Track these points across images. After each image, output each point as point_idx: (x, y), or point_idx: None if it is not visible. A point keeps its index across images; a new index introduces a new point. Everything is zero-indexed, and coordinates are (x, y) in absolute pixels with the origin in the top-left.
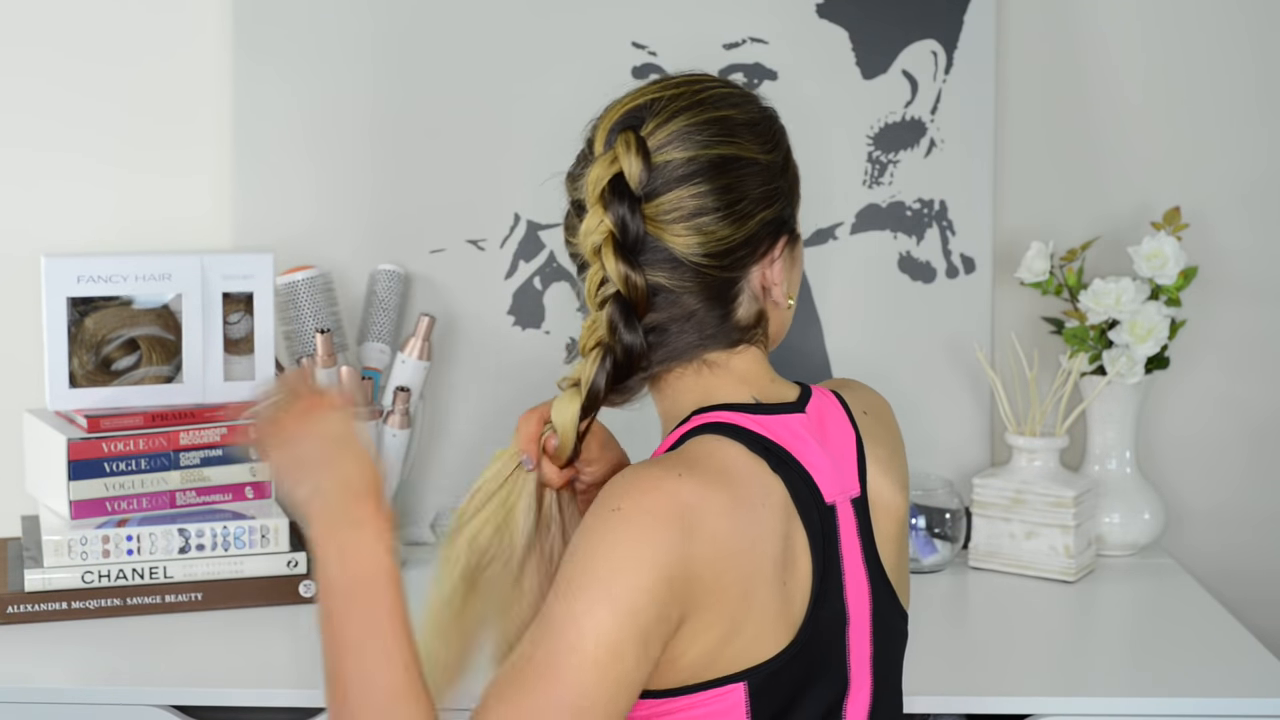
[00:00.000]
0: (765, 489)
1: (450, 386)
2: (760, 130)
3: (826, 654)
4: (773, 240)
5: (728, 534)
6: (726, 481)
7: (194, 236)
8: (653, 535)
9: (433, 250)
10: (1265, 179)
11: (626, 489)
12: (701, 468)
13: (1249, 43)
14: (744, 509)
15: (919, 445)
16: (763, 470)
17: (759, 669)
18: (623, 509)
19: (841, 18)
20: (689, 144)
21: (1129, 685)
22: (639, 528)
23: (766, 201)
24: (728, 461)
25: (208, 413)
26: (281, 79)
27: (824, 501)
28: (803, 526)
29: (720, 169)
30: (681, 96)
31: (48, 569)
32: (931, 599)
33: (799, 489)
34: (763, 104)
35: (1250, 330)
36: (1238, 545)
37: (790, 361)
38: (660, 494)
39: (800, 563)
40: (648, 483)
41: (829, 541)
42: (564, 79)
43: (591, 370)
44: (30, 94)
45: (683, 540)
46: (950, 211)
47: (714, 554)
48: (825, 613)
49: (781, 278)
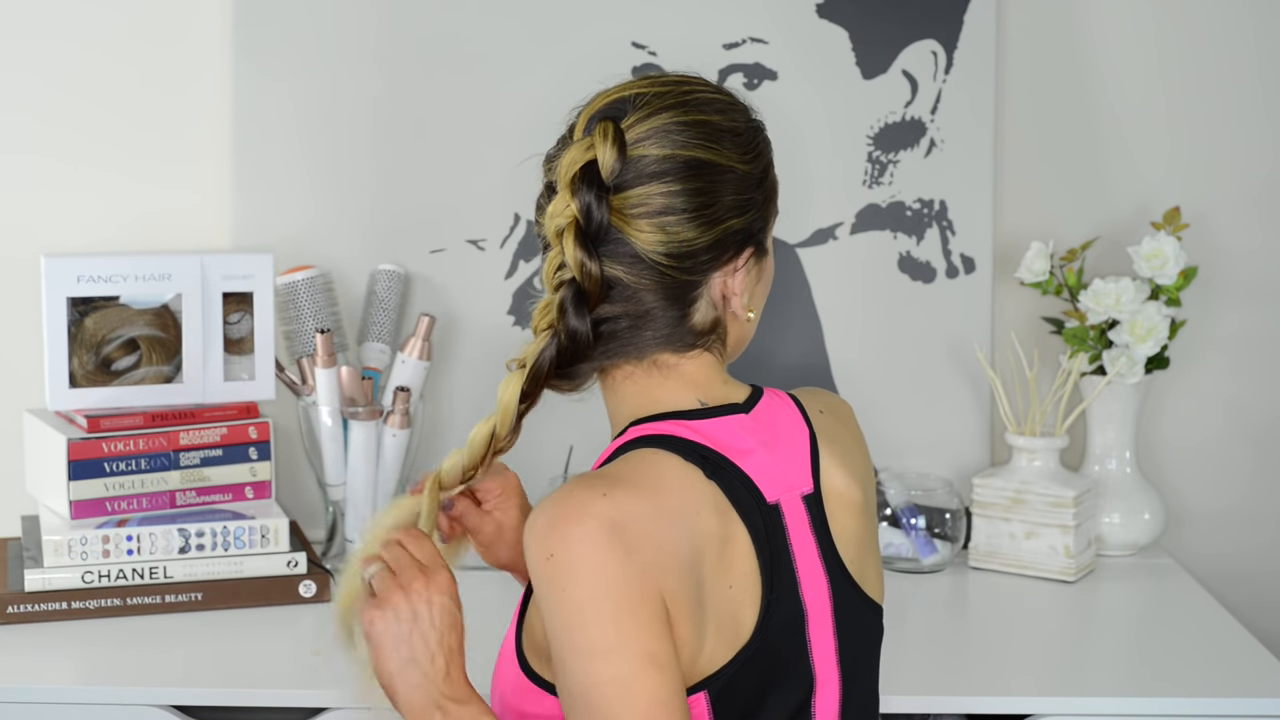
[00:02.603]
0: (697, 495)
1: (450, 386)
2: (743, 140)
3: (786, 654)
4: (738, 250)
5: (664, 541)
6: (653, 491)
7: (194, 236)
8: (598, 564)
9: (433, 250)
10: (1266, 179)
11: (552, 525)
12: (626, 482)
13: (1250, 42)
14: (673, 517)
15: (919, 445)
16: (695, 478)
17: (717, 676)
18: (557, 552)
19: (841, 18)
20: (666, 142)
21: (1129, 685)
22: (586, 565)
23: (738, 211)
24: (657, 473)
25: (208, 413)
26: (281, 80)
27: (765, 501)
28: (744, 528)
29: (694, 171)
30: (668, 95)
31: (48, 569)
32: (931, 599)
33: (737, 491)
34: (751, 115)
35: (1250, 330)
36: (1238, 545)
37: (790, 362)
38: (585, 521)
39: (743, 564)
40: (572, 513)
41: (775, 540)
42: (564, 79)
43: (536, 350)
44: (30, 94)
45: (624, 559)
46: (950, 211)
47: (663, 561)
48: (779, 612)
49: (743, 289)
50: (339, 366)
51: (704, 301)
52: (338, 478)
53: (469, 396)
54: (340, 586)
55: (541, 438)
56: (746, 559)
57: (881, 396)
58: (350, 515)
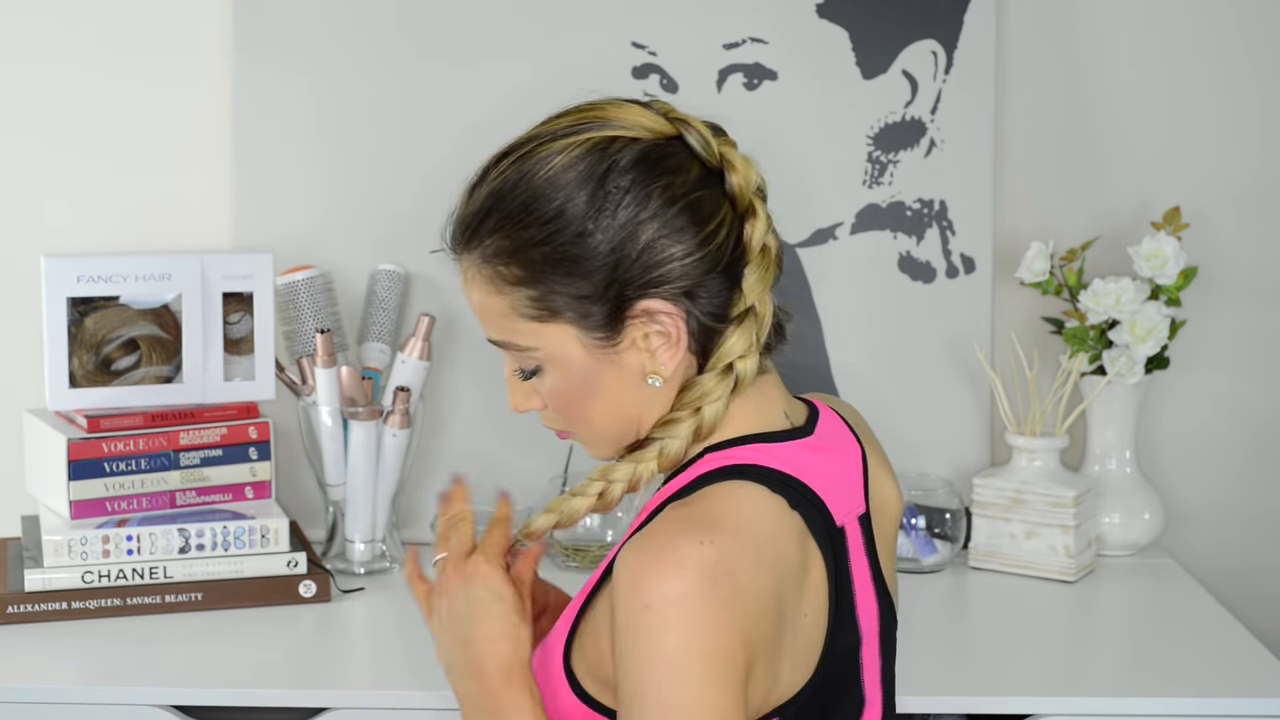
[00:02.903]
0: (785, 531)
1: (450, 386)
2: None
3: (845, 677)
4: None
5: (761, 588)
6: (749, 535)
7: (194, 236)
8: (693, 621)
9: (433, 250)
10: (1265, 179)
11: (649, 573)
12: (724, 526)
13: (1249, 43)
14: (766, 561)
15: (919, 445)
16: (781, 511)
17: (790, 703)
18: (653, 605)
19: (841, 18)
20: None
21: (1129, 685)
22: (679, 621)
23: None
24: (752, 513)
25: (208, 413)
26: (282, 79)
27: (835, 526)
28: (820, 556)
29: None
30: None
31: (48, 569)
32: (931, 599)
33: (815, 520)
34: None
35: (1250, 330)
36: (1237, 545)
37: (790, 362)
38: (686, 571)
39: (818, 593)
40: (672, 564)
41: (840, 565)
42: (564, 79)
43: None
44: (30, 94)
45: (720, 612)
46: (950, 211)
47: (757, 610)
48: (842, 637)
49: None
50: (339, 366)
51: None
52: (338, 478)
53: (469, 396)
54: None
55: (541, 437)
56: (820, 588)
57: (881, 396)
58: (350, 515)
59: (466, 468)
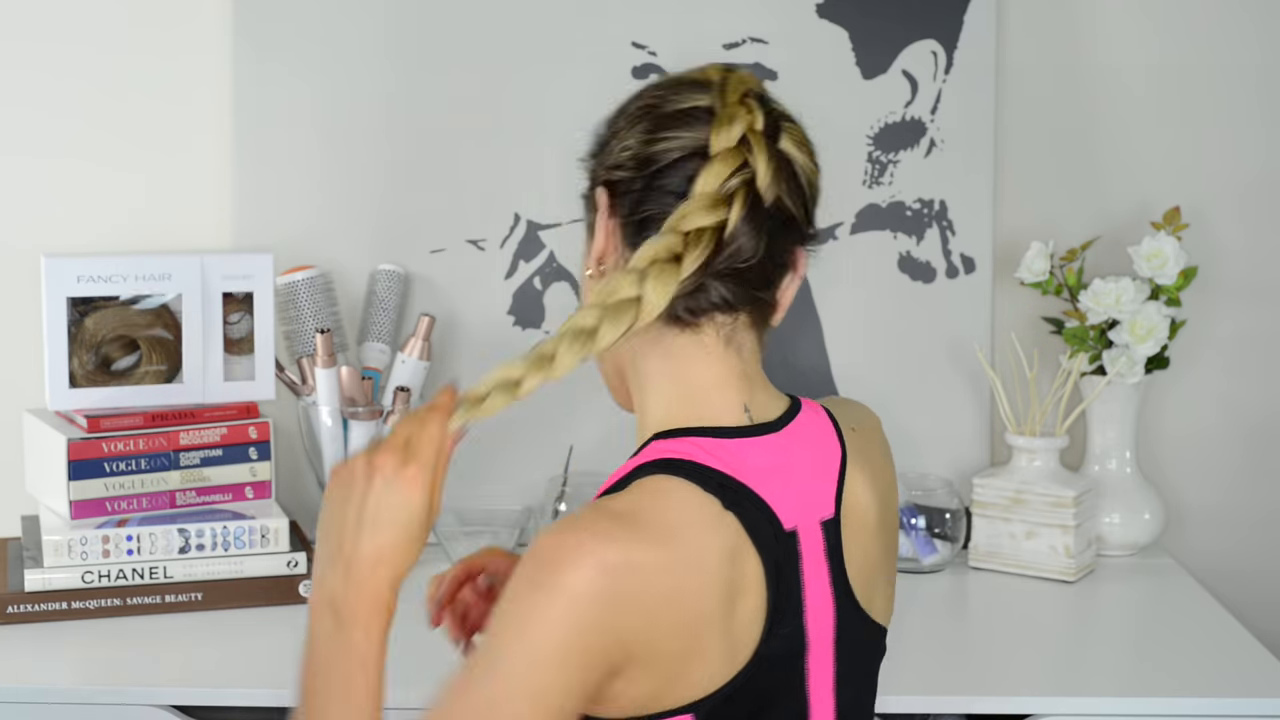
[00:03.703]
0: (713, 534)
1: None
2: None
3: (781, 679)
4: None
5: (664, 593)
6: (667, 537)
7: (194, 236)
8: (572, 617)
9: (433, 250)
10: (1265, 179)
11: (549, 556)
12: (638, 523)
13: (1249, 42)
14: (683, 564)
15: (919, 445)
16: (713, 511)
17: (707, 699)
18: (544, 585)
19: (841, 18)
20: None
21: (1129, 685)
22: (559, 610)
23: None
24: (675, 511)
25: (208, 413)
26: (282, 79)
27: (783, 529)
28: (758, 560)
29: None
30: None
31: (48, 569)
32: (931, 599)
33: (754, 522)
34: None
35: (1250, 330)
36: (1237, 545)
37: (790, 362)
38: (584, 565)
39: (752, 595)
40: (572, 549)
41: (787, 570)
42: (564, 79)
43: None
44: (30, 94)
45: (605, 614)
46: (950, 211)
47: (645, 621)
48: (779, 639)
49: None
50: (339, 366)
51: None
52: None
53: None
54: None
55: (542, 437)
56: (755, 592)
57: (881, 396)
58: None
59: (466, 467)
